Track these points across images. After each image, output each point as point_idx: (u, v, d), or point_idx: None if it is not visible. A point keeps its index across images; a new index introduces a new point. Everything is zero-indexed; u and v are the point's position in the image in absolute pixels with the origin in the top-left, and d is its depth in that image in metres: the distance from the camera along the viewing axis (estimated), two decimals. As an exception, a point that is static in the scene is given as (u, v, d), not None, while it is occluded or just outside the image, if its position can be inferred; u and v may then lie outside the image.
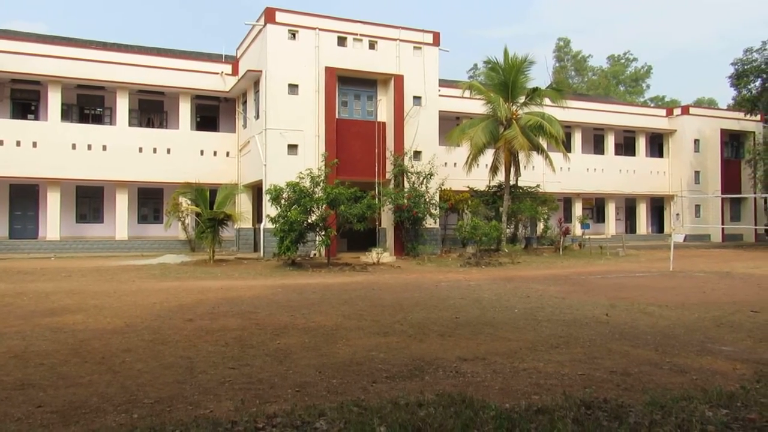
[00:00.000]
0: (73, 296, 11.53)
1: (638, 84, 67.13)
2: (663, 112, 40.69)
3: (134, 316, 9.24)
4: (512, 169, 25.90)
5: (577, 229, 32.51)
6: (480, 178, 27.48)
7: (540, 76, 77.78)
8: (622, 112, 37.94)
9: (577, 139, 35.53)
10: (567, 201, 35.94)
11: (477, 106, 27.42)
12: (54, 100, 24.99)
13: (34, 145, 24.43)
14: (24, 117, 26.59)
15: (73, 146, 24.99)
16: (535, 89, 25.87)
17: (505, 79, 25.29)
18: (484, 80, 30.14)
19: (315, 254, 21.74)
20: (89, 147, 25.26)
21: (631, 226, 39.64)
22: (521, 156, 25.67)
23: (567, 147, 29.99)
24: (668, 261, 19.12)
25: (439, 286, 13.82)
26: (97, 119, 27.90)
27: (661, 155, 39.84)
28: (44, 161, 24.36)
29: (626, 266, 20.27)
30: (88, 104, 27.75)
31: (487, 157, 26.75)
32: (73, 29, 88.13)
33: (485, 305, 10.67)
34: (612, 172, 36.40)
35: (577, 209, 35.66)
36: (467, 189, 27.98)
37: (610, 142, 37.09)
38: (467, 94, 26.88)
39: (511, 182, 26.02)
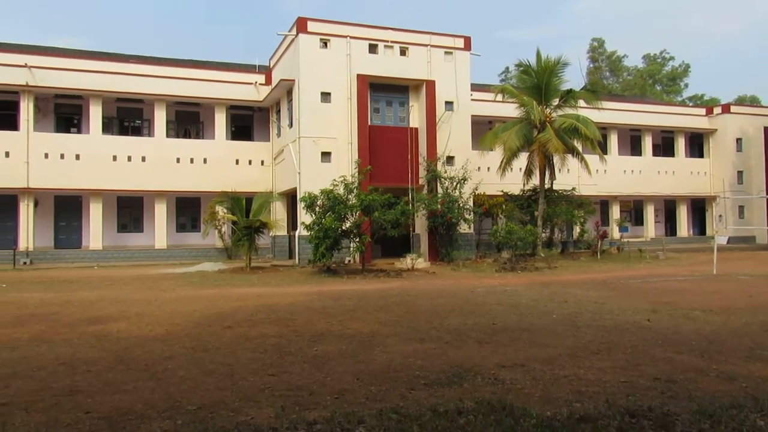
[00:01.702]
0: (116, 304, 11.82)
1: (676, 83, 65.65)
2: (702, 111, 39.70)
3: (175, 323, 9.41)
4: (547, 173, 25.57)
5: (615, 233, 31.91)
6: (514, 182, 27.22)
7: (574, 78, 76.74)
8: (660, 112, 37.15)
9: (613, 140, 34.90)
10: (604, 204, 35.30)
11: (510, 110, 27.19)
12: (95, 114, 25.76)
13: (77, 157, 25.21)
14: (67, 130, 27.50)
15: (114, 158, 25.71)
16: (569, 91, 25.55)
17: (537, 82, 25.04)
18: (517, 83, 29.90)
19: (350, 261, 21.83)
20: (129, 158, 25.95)
21: (671, 228, 38.70)
22: (556, 159, 25.38)
23: (603, 149, 29.54)
24: (711, 264, 18.59)
25: (474, 292, 13.72)
26: (136, 131, 28.66)
27: (701, 155, 38.84)
28: (87, 173, 25.13)
29: (667, 270, 19.80)
30: (127, 117, 28.54)
31: (521, 160, 26.49)
32: (109, 44, 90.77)
33: (522, 311, 10.55)
34: (650, 174, 35.63)
35: (615, 212, 34.99)
36: (501, 193, 27.76)
37: (647, 143, 36.33)
38: (500, 97, 26.73)
39: (546, 186, 25.70)
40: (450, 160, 24.63)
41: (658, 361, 6.60)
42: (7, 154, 24.33)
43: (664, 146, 38.38)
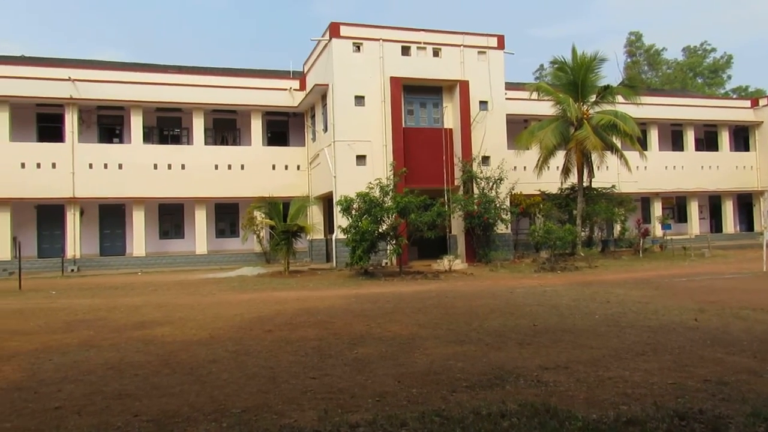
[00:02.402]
0: (160, 309, 12.10)
1: (718, 75, 63.64)
2: (747, 103, 38.36)
3: (217, 327, 9.58)
4: (585, 170, 25.16)
5: (657, 230, 31.14)
6: (551, 181, 26.85)
7: (611, 73, 74.95)
8: (702, 106, 36.11)
9: (653, 136, 34.06)
10: (645, 201, 34.47)
11: (545, 108, 26.86)
12: (136, 124, 26.47)
13: (120, 166, 25.93)
14: (110, 141, 28.31)
15: (155, 166, 26.35)
16: (607, 87, 25.10)
17: (574, 79, 24.67)
18: (552, 81, 29.52)
19: (387, 263, 21.85)
20: (169, 166, 26.56)
21: (716, 225, 37.51)
22: (594, 156, 24.92)
23: (643, 145, 28.88)
24: (761, 261, 17.97)
25: (513, 293, 13.58)
26: (176, 140, 29.31)
27: (747, 149, 37.58)
28: (129, 182, 25.82)
29: (713, 268, 19.22)
30: (166, 126, 29.21)
31: (558, 159, 26.11)
32: (146, 55, 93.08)
33: (563, 311, 10.39)
34: (693, 169, 34.64)
35: (657, 209, 34.13)
36: (538, 192, 27.42)
37: (689, 137, 35.32)
38: (535, 95, 26.43)
39: (585, 184, 25.28)
40: (485, 160, 24.44)
41: (707, 362, 6.41)
42: (53, 165, 25.18)
43: (708, 140, 37.27)
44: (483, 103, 24.81)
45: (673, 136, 36.36)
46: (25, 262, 21.89)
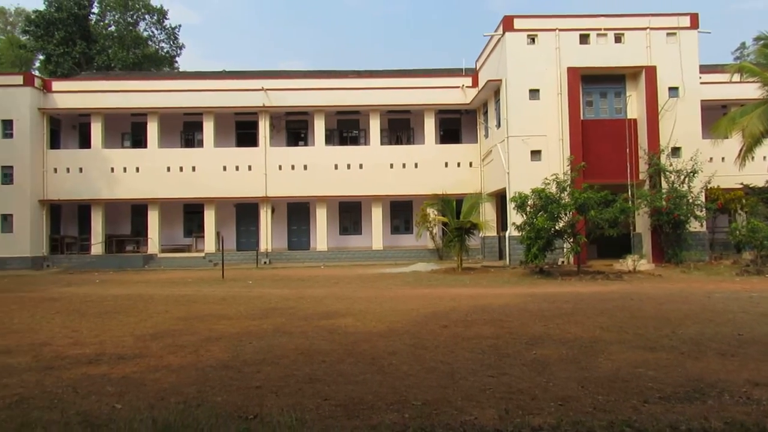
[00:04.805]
0: (341, 301, 12.83)
1: None
2: None
3: (394, 321, 9.90)
4: (801, 160, 21.86)
5: None
6: (757, 173, 23.69)
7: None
8: None
9: None
10: None
11: (749, 91, 23.73)
12: (319, 127, 28.47)
13: (305, 167, 28.08)
14: (296, 144, 30.79)
15: (335, 166, 28.08)
16: (830, 62, 21.52)
17: (786, 55, 21.52)
18: (757, 60, 26.01)
19: (563, 262, 20.96)
20: (348, 166, 28.13)
21: None
22: (814, 143, 21.52)
23: None
24: None
25: (711, 298, 12.24)
26: (354, 141, 30.93)
27: None
28: (313, 181, 27.85)
29: None
30: (345, 128, 30.97)
31: (765, 148, 22.95)
32: (325, 62, 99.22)
33: (776, 321, 9.13)
34: None
35: None
36: (740, 186, 24.38)
37: None
38: (736, 77, 23.45)
39: (801, 175, 21.97)
40: (676, 151, 22.35)
41: None
42: (249, 168, 28.03)
43: None
44: (673, 90, 22.70)
45: None
46: (227, 254, 24.60)
